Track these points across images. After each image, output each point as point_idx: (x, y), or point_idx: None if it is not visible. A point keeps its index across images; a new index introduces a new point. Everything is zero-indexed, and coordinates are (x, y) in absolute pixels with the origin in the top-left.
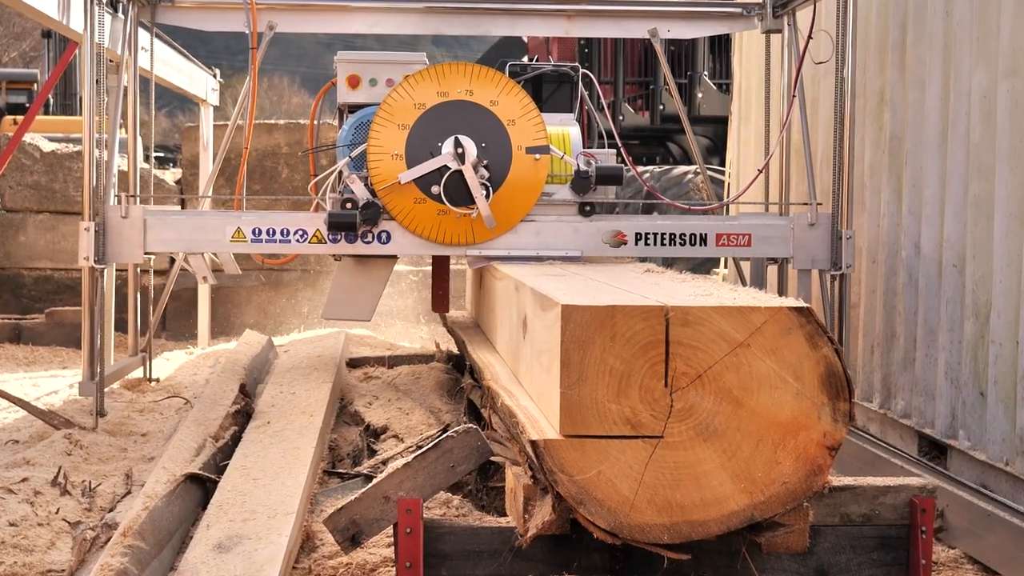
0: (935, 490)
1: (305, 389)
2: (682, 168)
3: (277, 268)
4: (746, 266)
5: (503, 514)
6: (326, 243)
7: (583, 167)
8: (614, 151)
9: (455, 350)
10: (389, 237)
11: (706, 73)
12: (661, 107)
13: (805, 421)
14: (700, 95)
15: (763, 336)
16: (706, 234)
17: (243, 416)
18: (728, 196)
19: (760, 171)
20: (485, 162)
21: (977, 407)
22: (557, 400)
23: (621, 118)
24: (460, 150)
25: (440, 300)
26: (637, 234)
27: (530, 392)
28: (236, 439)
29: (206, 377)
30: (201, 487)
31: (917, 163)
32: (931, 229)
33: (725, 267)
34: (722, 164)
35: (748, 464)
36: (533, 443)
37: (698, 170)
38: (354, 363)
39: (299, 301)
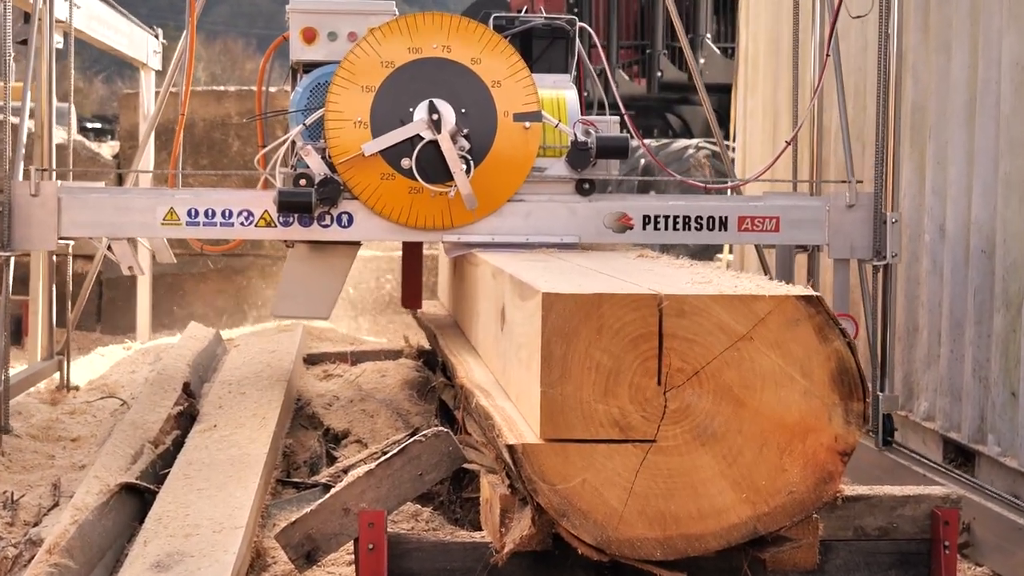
0: (960, 500)
1: (257, 389)
2: (682, 142)
3: (219, 254)
4: (770, 255)
5: (478, 528)
6: (276, 227)
7: (581, 137)
8: (616, 119)
9: (426, 345)
10: (351, 220)
11: (709, 36)
12: (659, 74)
13: (814, 423)
14: (703, 60)
15: (767, 328)
16: (726, 217)
17: (187, 419)
18: (732, 174)
19: (788, 143)
20: (465, 131)
21: (1008, 409)
22: (537, 400)
23: (615, 86)
24: (435, 117)
25: (411, 294)
26: (645, 217)
27: (508, 391)
28: (179, 444)
29: (145, 375)
30: (138, 498)
31: (942, 137)
32: (957, 211)
33: (730, 252)
34: (726, 138)
35: (750, 471)
36: (510, 448)
37: (700, 144)
38: (313, 360)
39: (252, 290)
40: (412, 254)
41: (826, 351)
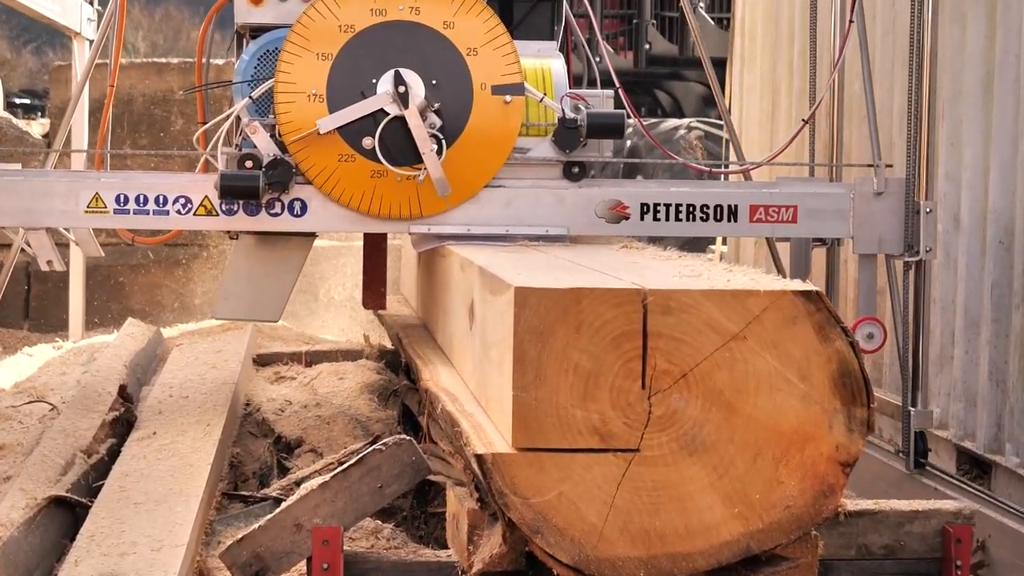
0: (974, 516)
1: (201, 392)
2: (672, 122)
3: (154, 245)
4: (784, 249)
5: (443, 546)
6: (217, 215)
7: (570, 114)
8: (610, 92)
9: (389, 345)
10: (304, 208)
11: (702, 4)
12: (647, 46)
13: (813, 431)
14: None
15: (762, 327)
16: (736, 206)
17: (123, 425)
18: (727, 156)
19: (805, 122)
20: (436, 106)
21: None
22: (509, 405)
23: (598, 60)
24: (402, 89)
25: (374, 293)
26: (643, 205)
27: (477, 396)
28: (114, 454)
29: (77, 378)
30: (69, 513)
31: (955, 116)
32: (973, 197)
33: (724, 243)
34: (719, 117)
35: (743, 484)
36: (479, 458)
37: (692, 124)
38: (263, 360)
39: (197, 283)
40: (375, 247)
41: (827, 352)
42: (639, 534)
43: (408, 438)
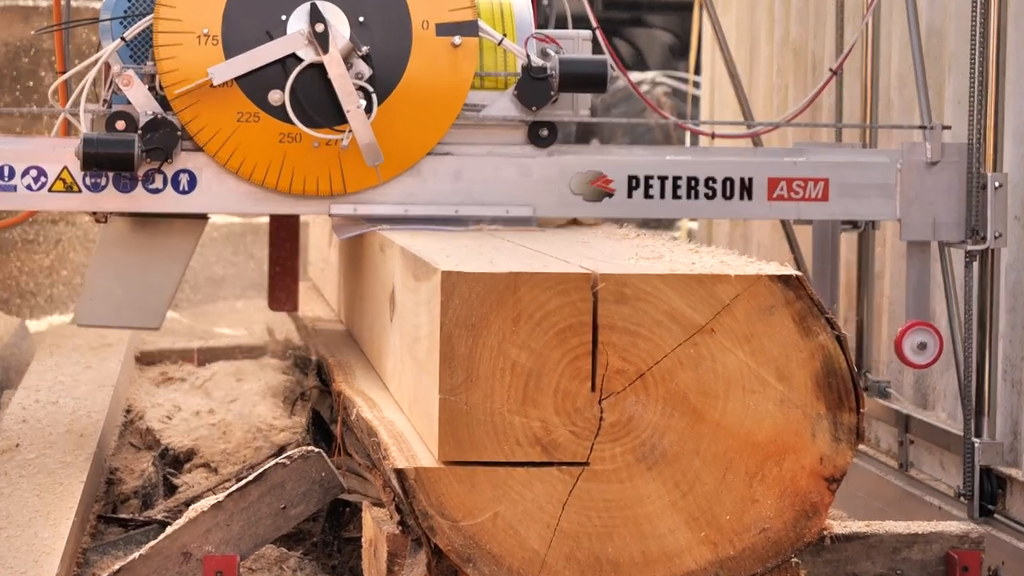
0: (983, 540)
1: (73, 397)
2: (634, 76)
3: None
4: (801, 233)
5: None
6: (80, 192)
7: (537, 60)
8: (587, 33)
9: (297, 340)
10: (193, 182)
11: None
12: None
13: (793, 440)
14: None
15: (733, 317)
16: (751, 179)
17: None
18: (699, 115)
19: (834, 72)
20: (365, 49)
21: None
22: (436, 411)
23: (545, 2)
24: (320, 28)
25: (283, 290)
26: (632, 179)
27: (399, 400)
28: None
29: None
30: None
31: (964, 71)
32: None
33: (692, 220)
34: (688, 70)
35: (711, 503)
36: (400, 473)
37: (657, 79)
38: (147, 358)
39: (69, 268)
40: (284, 233)
41: (809, 347)
42: (589, 562)
43: (317, 450)
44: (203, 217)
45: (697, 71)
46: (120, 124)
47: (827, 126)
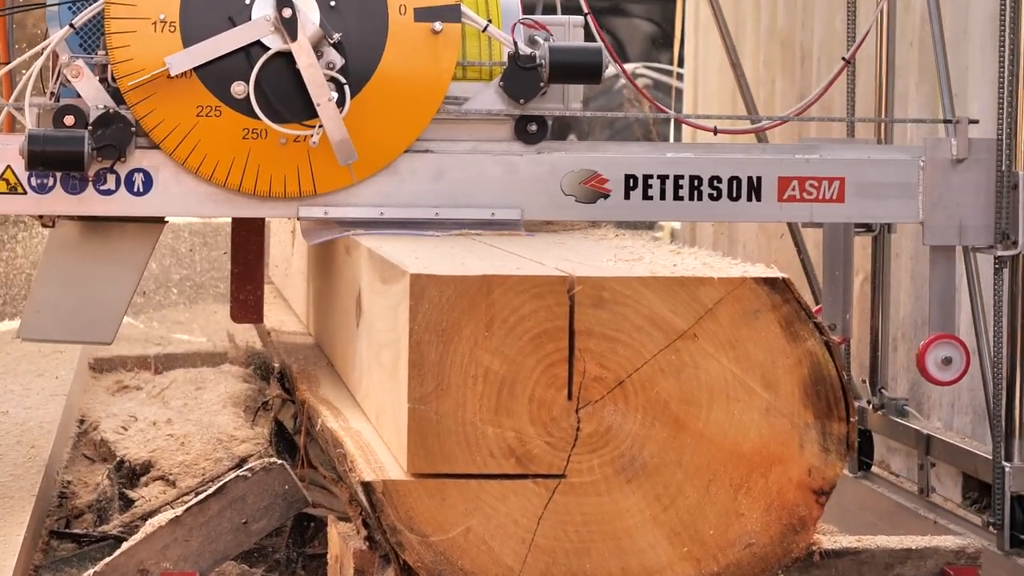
0: (979, 555)
1: (24, 407)
2: (611, 68)
3: None
4: (811, 237)
5: None
6: (25, 193)
7: (525, 48)
8: (578, 20)
9: (259, 345)
10: (148, 182)
11: None
12: None
13: (780, 451)
14: None
15: (717, 322)
16: (759, 178)
17: None
18: (682, 109)
19: (847, 61)
20: (337, 36)
21: None
22: (404, 420)
23: None
24: (288, 13)
25: (247, 299)
26: (630, 178)
27: (367, 409)
28: None
29: None
30: None
31: (961, 61)
32: None
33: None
34: (671, 62)
35: (694, 517)
36: (367, 486)
37: (637, 72)
38: (102, 366)
39: (17, 270)
40: (248, 237)
41: (796, 353)
42: None
43: (280, 462)
44: (160, 220)
45: (680, 63)
46: (69, 119)
47: (840, 120)
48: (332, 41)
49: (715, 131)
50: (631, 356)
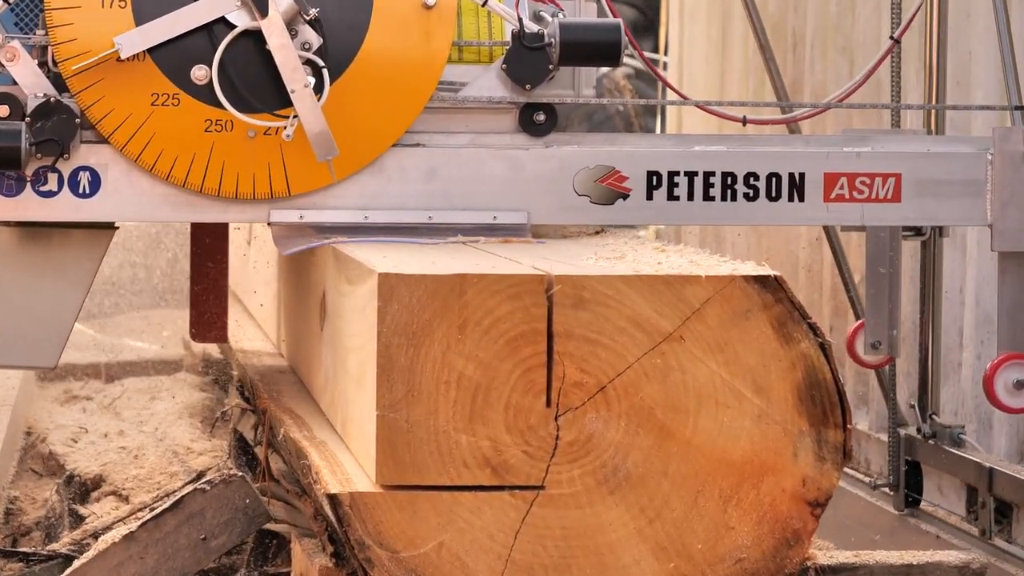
0: (985, 571)
1: None
2: None
3: None
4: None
5: None
6: None
7: (531, 26)
8: None
9: (216, 353)
10: (96, 182)
11: None
12: None
13: (773, 460)
14: None
15: (705, 323)
16: (802, 175)
17: None
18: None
19: (896, 40)
20: (314, 12)
21: None
22: (373, 429)
23: None
24: None
25: (209, 316)
26: (653, 176)
27: (332, 418)
28: None
29: None
30: None
31: (963, 47)
32: None
33: None
34: (655, 50)
35: (681, 530)
36: (333, 499)
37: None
38: (49, 374)
39: None
40: (211, 245)
41: (789, 356)
42: None
43: (240, 475)
44: (109, 226)
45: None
46: (3, 110)
47: (886, 107)
48: (308, 18)
49: (744, 121)
50: (613, 360)
